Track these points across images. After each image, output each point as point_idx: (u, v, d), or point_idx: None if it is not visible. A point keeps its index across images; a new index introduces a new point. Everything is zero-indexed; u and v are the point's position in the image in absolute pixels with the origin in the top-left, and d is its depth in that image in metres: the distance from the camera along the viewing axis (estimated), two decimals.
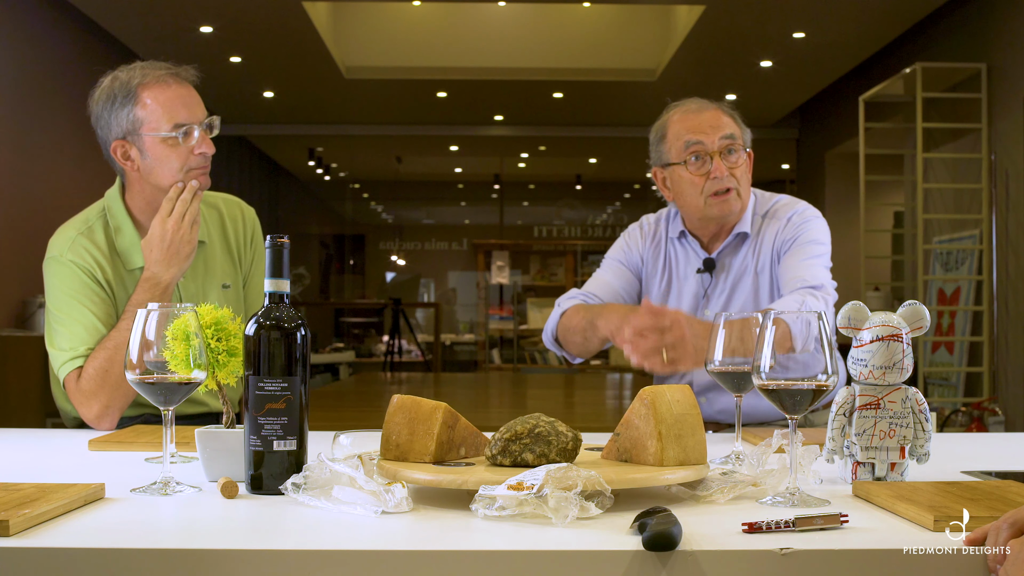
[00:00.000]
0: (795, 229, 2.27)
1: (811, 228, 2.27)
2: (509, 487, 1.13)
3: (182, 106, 2.11)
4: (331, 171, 12.53)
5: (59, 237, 2.14)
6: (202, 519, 1.17)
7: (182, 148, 2.11)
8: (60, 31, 6.25)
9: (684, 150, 2.26)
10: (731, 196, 2.24)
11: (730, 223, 2.32)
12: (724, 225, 2.32)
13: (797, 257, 2.22)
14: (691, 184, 2.27)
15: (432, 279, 13.25)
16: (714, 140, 2.23)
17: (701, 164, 2.25)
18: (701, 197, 2.26)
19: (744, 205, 2.29)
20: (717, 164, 2.22)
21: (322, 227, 13.69)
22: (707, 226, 2.34)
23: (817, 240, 2.25)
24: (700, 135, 2.25)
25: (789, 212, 2.31)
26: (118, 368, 1.97)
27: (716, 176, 2.22)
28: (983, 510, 1.12)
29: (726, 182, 2.23)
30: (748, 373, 1.51)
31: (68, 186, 6.13)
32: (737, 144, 2.25)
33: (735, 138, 2.25)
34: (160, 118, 2.10)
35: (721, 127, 2.25)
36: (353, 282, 13.57)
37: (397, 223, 13.86)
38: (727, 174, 2.23)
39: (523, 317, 11.71)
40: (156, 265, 2.05)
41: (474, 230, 13.35)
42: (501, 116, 9.79)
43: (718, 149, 2.23)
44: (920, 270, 5.97)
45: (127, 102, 2.11)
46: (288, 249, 1.37)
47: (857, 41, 7.12)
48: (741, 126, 2.30)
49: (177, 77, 2.14)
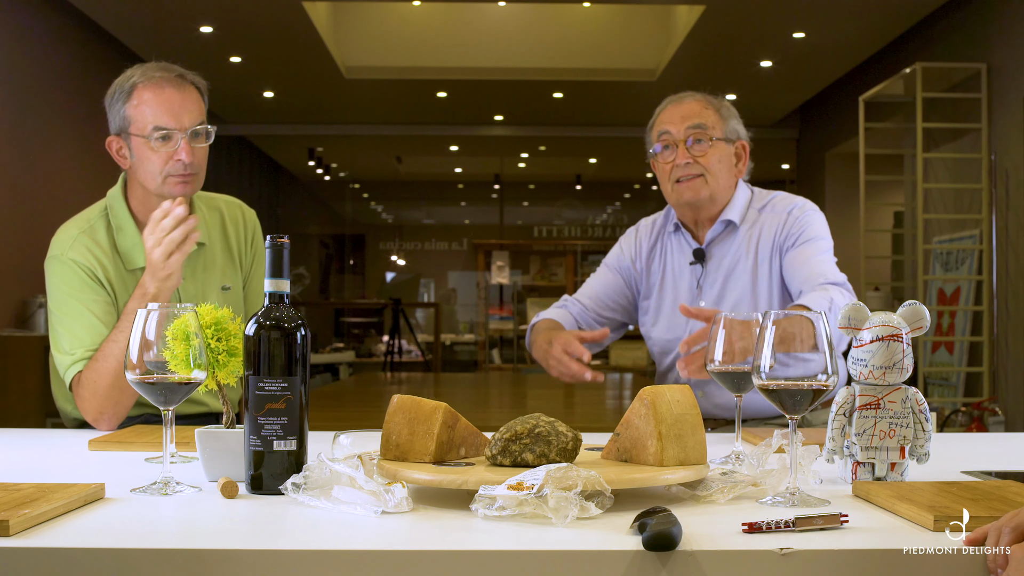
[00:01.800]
0: (798, 224, 2.29)
1: (814, 223, 2.29)
2: (509, 487, 1.13)
3: (167, 111, 2.09)
4: (331, 171, 12.52)
5: (61, 236, 2.15)
6: (202, 519, 1.17)
7: (163, 153, 2.09)
8: (60, 31, 6.25)
9: (656, 140, 2.33)
10: (698, 182, 2.28)
11: (710, 211, 2.34)
12: (702, 212, 2.34)
13: (809, 253, 2.24)
14: (662, 172, 2.34)
15: (432, 279, 13.24)
16: (680, 129, 2.28)
17: (669, 153, 2.31)
18: (669, 184, 2.33)
19: (716, 192, 2.31)
20: (681, 151, 2.27)
21: (322, 227, 13.68)
22: (685, 213, 2.38)
23: (822, 235, 2.28)
24: (669, 125, 2.30)
25: (788, 206, 2.33)
26: (106, 380, 1.96)
27: (677, 163, 2.28)
28: (983, 510, 1.12)
29: (688, 169, 2.27)
30: (748, 373, 1.51)
31: (68, 186, 6.13)
32: (706, 134, 2.28)
33: (704, 127, 2.28)
34: (145, 120, 2.09)
35: (690, 117, 2.29)
36: (353, 282, 13.56)
37: (397, 223, 13.85)
38: (688, 161, 2.27)
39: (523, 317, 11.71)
40: (147, 275, 2.01)
41: (474, 230, 13.34)
42: (501, 116, 9.79)
43: (683, 138, 2.28)
44: (920, 270, 5.97)
45: (122, 99, 2.12)
46: (288, 249, 1.37)
47: (857, 41, 7.12)
48: (723, 117, 2.32)
49: (176, 81, 2.11)
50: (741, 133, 2.35)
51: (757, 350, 1.27)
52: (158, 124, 2.08)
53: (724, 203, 2.34)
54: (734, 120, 2.34)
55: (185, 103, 2.11)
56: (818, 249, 2.25)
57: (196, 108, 2.13)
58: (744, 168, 2.37)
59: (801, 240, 2.27)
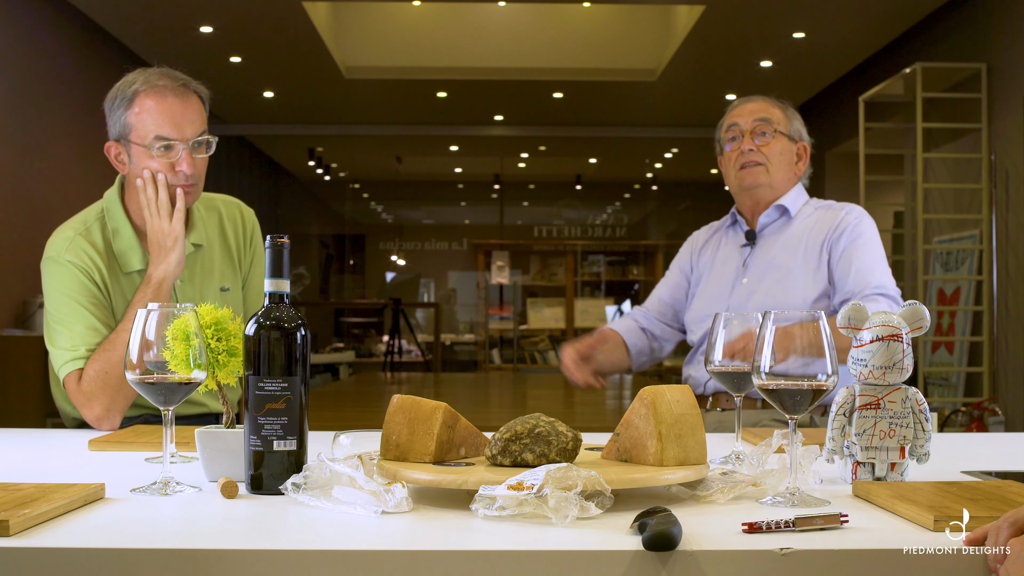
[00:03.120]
0: (852, 229, 2.37)
1: (868, 230, 2.38)
2: (509, 487, 1.13)
3: (169, 121, 2.08)
4: (331, 171, 12.52)
5: (57, 238, 2.14)
6: (202, 519, 1.17)
7: (164, 163, 2.09)
8: (60, 31, 6.25)
9: (725, 134, 2.48)
10: (758, 170, 2.43)
11: (765, 197, 2.47)
12: (760, 202, 2.48)
13: (860, 257, 2.32)
14: (728, 161, 2.50)
15: (432, 279, 13.23)
16: (748, 121, 2.45)
17: (736, 144, 2.46)
18: (733, 171, 2.47)
19: (774, 181, 2.45)
20: (747, 139, 2.43)
21: (322, 227, 13.67)
22: (744, 201, 2.52)
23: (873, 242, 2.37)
24: (737, 118, 2.47)
25: (846, 207, 2.45)
26: (118, 370, 1.96)
27: (743, 149, 2.43)
28: (983, 510, 1.12)
29: (751, 156, 2.43)
30: (748, 373, 1.51)
31: (68, 186, 6.13)
32: (770, 126, 2.43)
33: (770, 122, 2.43)
34: (146, 128, 2.08)
35: (757, 111, 2.45)
36: (353, 282, 13.55)
37: (397, 223, 13.85)
38: (751, 148, 2.42)
39: (523, 317, 11.71)
40: (150, 264, 2.07)
41: (474, 230, 13.34)
42: (501, 116, 9.79)
43: (750, 128, 2.43)
44: (920, 270, 5.97)
45: (123, 105, 2.11)
46: (288, 249, 1.37)
47: (857, 41, 7.12)
48: (788, 116, 2.47)
49: (179, 90, 2.10)
50: (804, 136, 2.51)
51: (757, 350, 1.27)
52: (160, 134, 2.07)
53: (779, 194, 2.47)
54: (798, 122, 2.50)
55: (187, 113, 2.10)
56: (869, 255, 2.34)
57: (198, 118, 2.12)
58: (804, 168, 2.51)
59: (852, 241, 2.35)
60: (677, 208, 12.53)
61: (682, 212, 12.41)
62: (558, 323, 11.48)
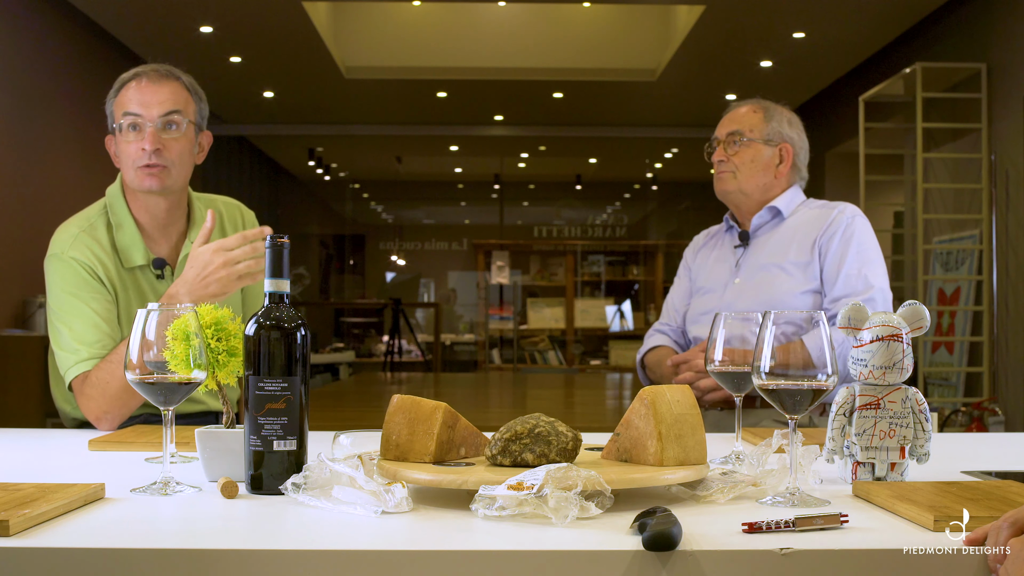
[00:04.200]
0: (845, 227, 2.40)
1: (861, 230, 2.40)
2: (509, 487, 1.13)
3: (137, 100, 2.07)
4: (331, 171, 12.52)
5: (61, 234, 2.14)
6: (202, 519, 1.17)
7: (134, 144, 2.09)
8: (60, 31, 6.25)
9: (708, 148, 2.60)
10: (726, 176, 2.53)
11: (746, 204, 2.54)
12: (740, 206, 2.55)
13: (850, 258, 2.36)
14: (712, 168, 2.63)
15: (432, 279, 13.23)
16: (723, 133, 2.55)
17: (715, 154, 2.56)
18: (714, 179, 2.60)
19: (744, 187, 2.52)
20: (719, 150, 2.55)
21: (322, 227, 13.67)
22: (728, 206, 2.60)
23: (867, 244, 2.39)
24: (717, 131, 2.57)
25: (839, 206, 2.48)
26: (122, 383, 1.96)
27: (716, 159, 2.55)
28: (983, 510, 1.12)
29: (721, 166, 2.54)
30: (748, 373, 1.51)
31: (68, 186, 6.13)
32: (742, 138, 2.51)
33: (740, 132, 2.51)
34: (117, 110, 2.10)
35: (732, 122, 2.55)
36: (353, 282, 13.55)
37: (397, 223, 13.84)
38: (722, 159, 2.53)
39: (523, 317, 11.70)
40: (182, 285, 1.93)
41: (474, 230, 13.33)
42: (501, 116, 9.78)
43: (723, 140, 2.54)
44: (920, 270, 5.96)
45: (112, 97, 2.15)
46: (288, 249, 1.37)
47: (857, 41, 7.12)
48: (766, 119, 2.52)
49: (154, 75, 2.10)
50: (786, 136, 2.54)
51: (757, 350, 1.27)
52: (127, 110, 2.08)
53: (758, 198, 2.53)
54: (781, 124, 2.54)
55: (158, 93, 2.09)
56: (860, 258, 2.36)
57: (170, 99, 2.10)
58: (787, 169, 2.54)
59: (845, 242, 2.38)
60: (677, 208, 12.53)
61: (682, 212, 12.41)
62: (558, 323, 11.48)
